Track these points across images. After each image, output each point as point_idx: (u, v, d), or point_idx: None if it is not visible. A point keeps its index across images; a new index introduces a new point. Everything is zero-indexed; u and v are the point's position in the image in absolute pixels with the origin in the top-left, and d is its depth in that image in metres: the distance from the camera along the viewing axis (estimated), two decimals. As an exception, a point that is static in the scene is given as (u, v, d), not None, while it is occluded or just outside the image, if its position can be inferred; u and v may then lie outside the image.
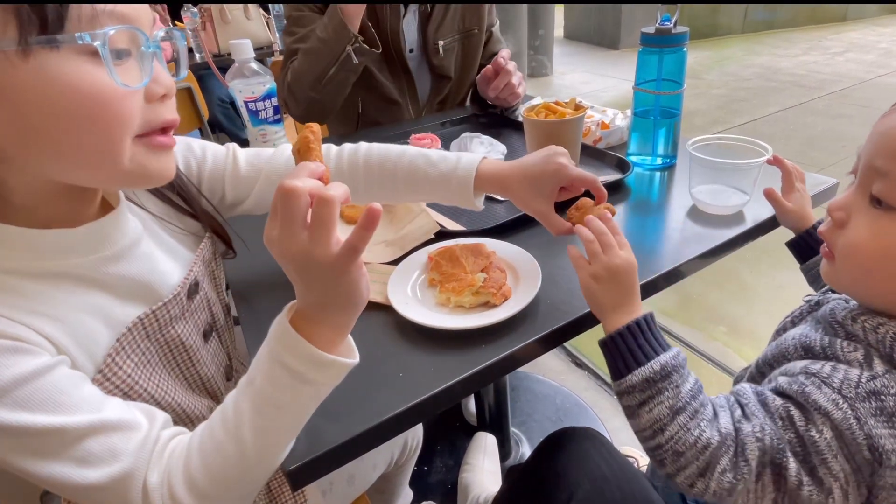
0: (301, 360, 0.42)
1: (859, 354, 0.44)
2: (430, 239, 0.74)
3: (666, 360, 0.49)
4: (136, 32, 0.40)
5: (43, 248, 0.44)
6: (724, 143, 0.79)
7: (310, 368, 0.43)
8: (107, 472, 0.41)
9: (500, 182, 0.65)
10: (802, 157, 3.15)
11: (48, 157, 0.40)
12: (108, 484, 0.41)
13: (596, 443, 0.68)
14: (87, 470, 0.40)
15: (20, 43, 0.34)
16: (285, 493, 0.67)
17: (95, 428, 0.41)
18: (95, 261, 0.47)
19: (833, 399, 0.42)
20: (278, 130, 0.97)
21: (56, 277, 0.44)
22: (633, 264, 0.55)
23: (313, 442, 0.47)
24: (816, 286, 0.72)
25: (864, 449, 0.41)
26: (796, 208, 0.71)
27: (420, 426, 0.99)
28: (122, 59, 0.40)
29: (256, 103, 0.91)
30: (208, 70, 2.32)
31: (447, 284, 0.61)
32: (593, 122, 1.03)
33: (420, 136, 0.95)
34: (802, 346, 0.49)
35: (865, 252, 0.46)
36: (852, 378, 0.43)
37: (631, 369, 0.50)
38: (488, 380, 0.55)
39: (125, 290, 0.49)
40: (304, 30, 1.16)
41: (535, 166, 0.62)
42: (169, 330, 0.53)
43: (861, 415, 0.41)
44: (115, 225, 0.49)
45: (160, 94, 0.43)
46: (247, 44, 0.89)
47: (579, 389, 1.55)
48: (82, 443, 0.41)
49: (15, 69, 0.35)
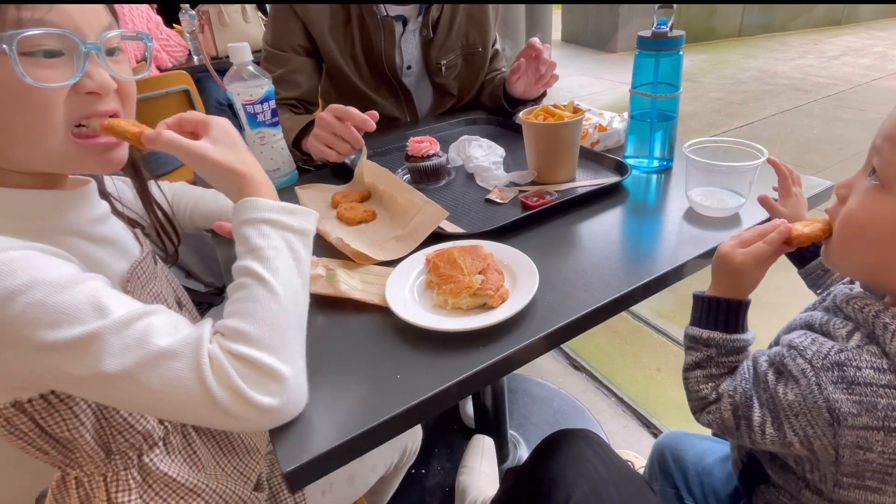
0: (271, 210, 0.52)
1: (845, 331, 0.51)
2: (428, 239, 0.74)
3: (713, 335, 0.60)
4: (66, 35, 0.46)
5: (37, 205, 0.51)
6: (720, 145, 0.79)
7: (283, 214, 0.52)
8: (176, 338, 0.44)
9: None
10: (799, 160, 3.16)
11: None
12: (178, 348, 0.43)
13: (593, 444, 0.68)
14: (156, 339, 0.43)
15: None
16: (285, 491, 0.67)
17: (154, 311, 0.46)
18: (86, 220, 0.55)
19: (802, 369, 0.50)
20: (276, 133, 0.97)
21: (58, 233, 0.51)
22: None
23: (312, 442, 0.47)
24: (815, 289, 0.72)
25: (824, 412, 0.49)
26: (792, 213, 0.71)
27: (420, 429, 0.99)
28: (53, 57, 0.46)
29: (255, 106, 0.91)
30: (206, 73, 2.32)
31: (445, 286, 0.62)
32: (591, 125, 1.04)
33: (419, 139, 0.95)
34: (806, 324, 0.57)
35: (854, 220, 0.51)
36: (823, 350, 0.50)
37: (695, 324, 0.62)
38: (486, 381, 0.55)
39: (113, 249, 0.57)
40: (279, 70, 1.16)
41: None
42: (154, 285, 0.60)
43: (822, 382, 0.49)
44: (94, 192, 0.58)
45: (89, 89, 0.49)
46: (245, 47, 0.89)
47: (577, 392, 1.55)
48: (147, 320, 0.44)
49: None
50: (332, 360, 0.56)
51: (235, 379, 0.43)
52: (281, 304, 0.48)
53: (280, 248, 0.51)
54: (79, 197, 0.55)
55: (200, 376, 0.43)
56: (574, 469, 0.64)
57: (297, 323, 0.50)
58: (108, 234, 0.57)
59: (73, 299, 0.42)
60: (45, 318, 0.41)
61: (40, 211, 0.51)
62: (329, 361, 0.56)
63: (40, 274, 0.42)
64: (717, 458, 0.78)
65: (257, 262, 0.49)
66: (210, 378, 0.43)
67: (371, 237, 0.79)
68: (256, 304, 0.47)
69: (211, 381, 0.43)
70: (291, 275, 0.50)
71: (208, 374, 0.43)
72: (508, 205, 0.86)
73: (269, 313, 0.47)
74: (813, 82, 4.65)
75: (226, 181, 0.54)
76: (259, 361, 0.45)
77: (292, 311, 0.49)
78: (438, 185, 0.96)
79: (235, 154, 0.54)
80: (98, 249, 0.55)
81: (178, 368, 0.43)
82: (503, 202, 0.87)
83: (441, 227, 0.76)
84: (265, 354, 0.45)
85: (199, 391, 0.43)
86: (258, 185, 0.54)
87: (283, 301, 0.48)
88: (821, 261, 0.70)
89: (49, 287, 0.42)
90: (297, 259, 0.52)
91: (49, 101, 0.46)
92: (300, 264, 0.52)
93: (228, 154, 0.54)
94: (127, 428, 0.53)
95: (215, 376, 0.43)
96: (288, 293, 0.49)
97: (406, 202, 0.80)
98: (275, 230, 0.51)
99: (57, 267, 0.44)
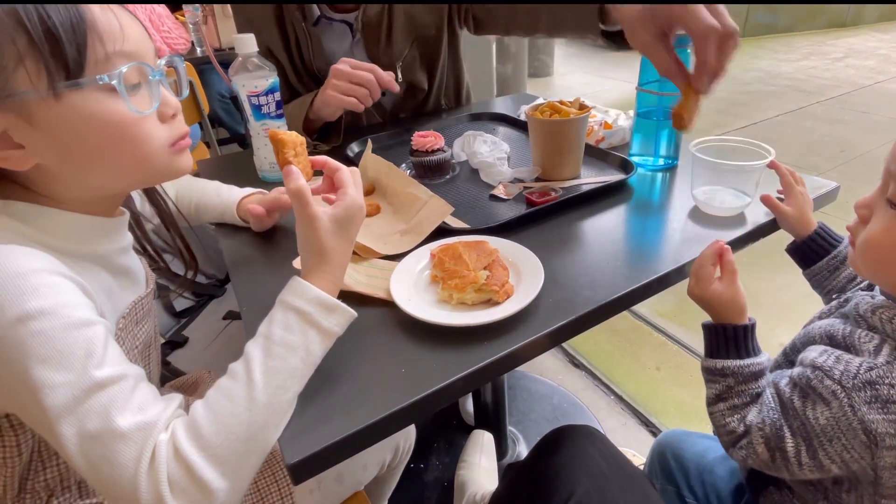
0: (309, 302, 0.50)
1: (872, 345, 0.49)
2: (432, 235, 0.74)
3: (727, 364, 0.59)
4: (143, 66, 0.49)
5: (84, 230, 0.53)
6: (727, 144, 0.79)
7: (317, 310, 0.50)
8: (135, 420, 0.43)
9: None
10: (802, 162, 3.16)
11: (90, 173, 0.50)
12: (131, 432, 0.42)
13: (595, 441, 0.68)
14: (118, 416, 0.42)
15: (50, 89, 0.44)
16: (273, 493, 0.67)
17: (135, 377, 0.45)
18: (115, 250, 0.57)
19: (833, 391, 0.48)
20: (280, 125, 0.96)
21: (87, 260, 0.53)
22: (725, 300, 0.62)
23: (317, 435, 0.47)
24: (821, 290, 0.72)
25: (859, 433, 0.47)
26: (796, 213, 0.71)
27: (413, 428, 0.99)
28: (135, 90, 0.49)
29: (259, 98, 0.91)
30: (209, 65, 2.31)
31: (450, 281, 0.61)
32: (596, 122, 1.04)
33: (423, 134, 0.95)
34: (827, 335, 0.55)
35: (879, 246, 0.51)
36: (851, 369, 0.48)
37: (707, 355, 0.62)
38: (491, 377, 0.55)
39: (126, 281, 0.59)
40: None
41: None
42: (147, 322, 0.61)
43: (855, 403, 0.47)
44: (126, 223, 0.60)
45: (171, 115, 0.53)
46: (250, 38, 0.89)
47: (576, 389, 1.55)
48: (122, 385, 0.44)
49: (49, 108, 0.45)
50: (336, 353, 0.56)
51: (163, 485, 0.42)
52: (253, 411, 0.45)
53: (294, 346, 0.48)
54: (117, 225, 0.57)
55: (136, 468, 0.42)
56: (576, 465, 0.64)
57: (262, 435, 0.46)
58: (127, 266, 0.59)
59: (73, 341, 0.43)
60: (40, 351, 0.41)
61: (81, 235, 0.53)
62: (333, 354, 0.56)
63: (59, 307, 0.43)
64: (718, 457, 0.78)
65: (261, 353, 0.47)
66: (143, 474, 0.42)
67: (375, 231, 0.79)
68: (229, 403, 0.45)
69: (142, 477, 0.42)
70: (288, 380, 0.47)
71: (143, 470, 0.42)
72: (513, 201, 0.86)
73: (234, 419, 0.44)
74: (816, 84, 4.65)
75: (306, 253, 0.54)
76: (196, 471, 0.42)
77: (263, 421, 0.45)
78: (442, 181, 0.96)
79: (336, 240, 0.53)
80: (113, 280, 0.56)
81: (121, 452, 0.42)
82: (508, 198, 0.87)
83: (445, 221, 0.76)
84: (207, 464, 0.43)
85: (127, 481, 0.42)
86: (327, 272, 0.53)
87: (258, 410, 0.45)
88: (827, 262, 0.70)
89: (59, 322, 0.43)
90: (306, 362, 0.49)
91: (149, 129, 0.50)
92: (307, 368, 0.49)
93: (330, 237, 0.53)
94: (50, 466, 0.53)
95: (148, 474, 0.42)
96: (271, 401, 0.46)
97: (410, 196, 0.80)
98: (301, 324, 0.49)
99: (76, 305, 0.45)
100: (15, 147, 0.46)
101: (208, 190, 0.84)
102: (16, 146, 0.46)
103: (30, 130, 0.45)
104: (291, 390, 0.48)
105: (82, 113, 0.46)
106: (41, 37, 0.42)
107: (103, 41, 0.45)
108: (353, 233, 0.56)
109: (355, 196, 0.55)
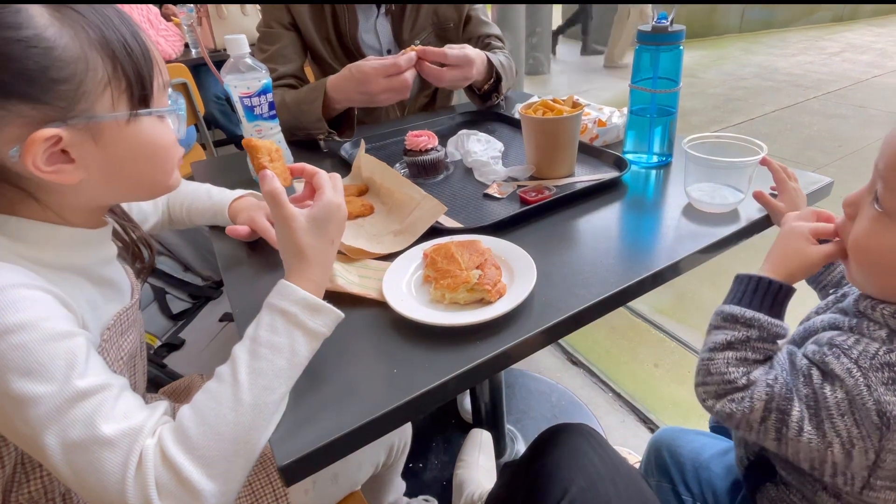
0: (295, 303, 0.50)
1: (883, 333, 0.49)
2: (426, 234, 0.74)
3: (757, 315, 0.56)
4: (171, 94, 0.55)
5: (67, 241, 0.53)
6: (720, 141, 0.79)
7: (303, 311, 0.50)
8: (121, 426, 0.43)
9: None
10: (798, 157, 3.16)
11: (117, 187, 0.53)
12: (117, 439, 0.42)
13: (590, 439, 0.68)
14: (102, 423, 0.42)
15: (131, 114, 0.49)
16: (268, 494, 0.67)
17: (119, 387, 0.46)
18: (98, 261, 0.57)
19: (848, 368, 0.48)
20: (273, 126, 0.96)
21: (69, 271, 0.53)
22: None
23: (308, 437, 0.47)
24: (816, 285, 0.72)
25: (872, 414, 0.46)
26: (789, 209, 0.71)
27: (408, 428, 0.99)
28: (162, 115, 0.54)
29: (251, 99, 0.90)
30: (204, 66, 2.31)
31: (442, 281, 0.61)
32: (590, 120, 1.03)
33: (417, 133, 0.95)
34: (831, 326, 0.55)
35: (865, 249, 0.50)
36: (870, 350, 0.48)
37: (734, 302, 0.58)
38: (483, 376, 0.55)
39: (110, 291, 0.58)
40: (272, 47, 1.19)
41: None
42: (132, 333, 0.60)
43: (872, 383, 0.46)
44: (109, 234, 0.60)
45: (180, 137, 0.57)
46: (242, 39, 0.89)
47: (575, 387, 1.55)
48: (105, 395, 0.44)
49: (120, 130, 0.49)
50: (328, 354, 0.56)
51: (151, 489, 0.42)
52: (239, 412, 0.45)
53: (280, 347, 0.48)
54: (100, 236, 0.57)
55: (123, 474, 0.42)
56: (571, 464, 0.64)
57: (249, 436, 0.45)
58: (110, 277, 0.59)
59: (54, 353, 0.43)
60: (21, 365, 0.41)
61: (63, 246, 0.52)
62: (326, 355, 0.56)
63: (38, 320, 0.43)
64: (715, 453, 0.78)
65: (247, 355, 0.48)
66: (130, 479, 0.42)
67: (368, 231, 0.79)
68: (215, 405, 0.45)
69: (129, 482, 0.42)
70: (274, 381, 0.47)
71: (130, 476, 0.42)
72: (507, 200, 0.86)
73: (220, 420, 0.44)
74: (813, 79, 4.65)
75: (286, 255, 0.55)
76: (183, 473, 0.42)
77: (249, 422, 0.45)
78: (436, 180, 0.96)
79: (315, 239, 0.54)
80: (96, 292, 0.56)
81: (107, 459, 0.42)
82: (501, 197, 0.87)
83: (439, 221, 0.76)
84: (193, 466, 0.43)
85: (114, 488, 0.42)
86: (309, 272, 0.53)
87: (243, 411, 0.45)
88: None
89: (39, 335, 0.43)
90: (292, 362, 0.49)
91: (176, 151, 0.56)
92: (293, 368, 0.49)
93: (308, 236, 0.54)
94: (34, 479, 0.53)
95: (136, 479, 0.42)
96: (257, 402, 0.46)
97: (404, 196, 0.80)
98: (287, 325, 0.49)
99: (56, 317, 0.45)
100: (69, 162, 0.47)
101: (200, 193, 0.84)
102: (70, 161, 0.47)
103: (92, 148, 0.48)
104: (278, 391, 0.47)
105: (142, 136, 0.50)
106: (126, 65, 0.48)
107: (161, 71, 0.52)
108: (333, 232, 0.56)
109: (332, 196, 0.55)
